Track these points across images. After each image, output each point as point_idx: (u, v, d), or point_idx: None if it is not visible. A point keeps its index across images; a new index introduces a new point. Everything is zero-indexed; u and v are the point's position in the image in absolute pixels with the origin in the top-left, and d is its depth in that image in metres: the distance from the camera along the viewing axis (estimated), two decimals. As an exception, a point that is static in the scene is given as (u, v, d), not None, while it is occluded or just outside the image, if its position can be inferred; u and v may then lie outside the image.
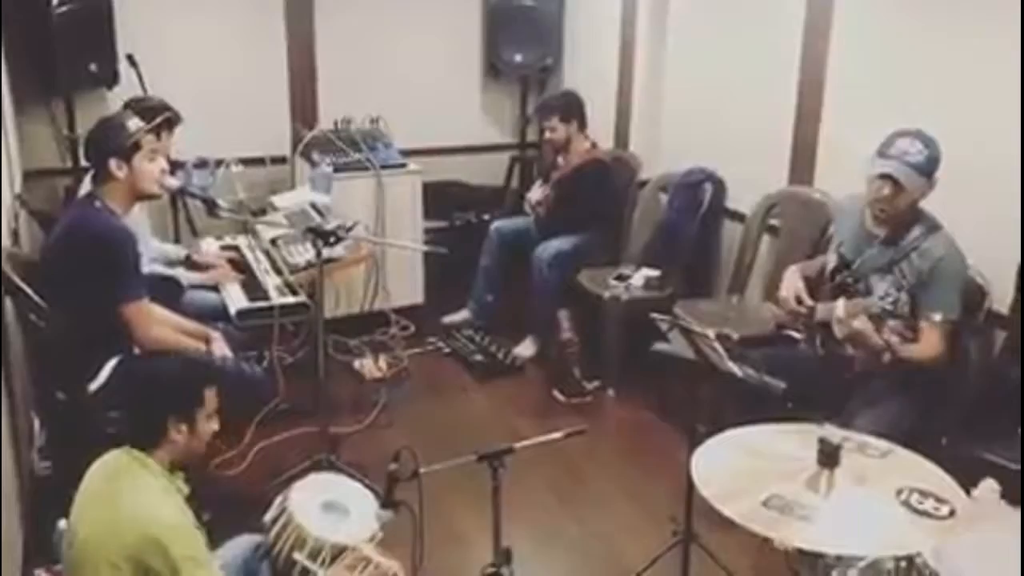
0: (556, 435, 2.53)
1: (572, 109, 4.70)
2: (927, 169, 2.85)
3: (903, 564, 1.93)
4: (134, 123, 2.99)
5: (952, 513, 1.72)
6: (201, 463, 2.47)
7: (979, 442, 2.53)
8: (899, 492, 1.76)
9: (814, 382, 2.94)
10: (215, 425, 2.31)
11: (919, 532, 1.72)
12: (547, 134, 4.75)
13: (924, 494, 1.76)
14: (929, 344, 2.87)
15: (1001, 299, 3.04)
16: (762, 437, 1.95)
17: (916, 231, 2.93)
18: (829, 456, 1.77)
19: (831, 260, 3.17)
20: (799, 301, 3.10)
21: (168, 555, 1.97)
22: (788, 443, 1.88)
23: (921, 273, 2.89)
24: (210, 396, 2.28)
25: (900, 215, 2.92)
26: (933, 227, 2.93)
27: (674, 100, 4.86)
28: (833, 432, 1.82)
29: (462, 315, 4.97)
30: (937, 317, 2.85)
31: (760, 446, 1.91)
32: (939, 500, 1.75)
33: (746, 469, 1.83)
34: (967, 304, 3.03)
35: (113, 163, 2.93)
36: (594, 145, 4.78)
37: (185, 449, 2.23)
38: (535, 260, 4.59)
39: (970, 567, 1.93)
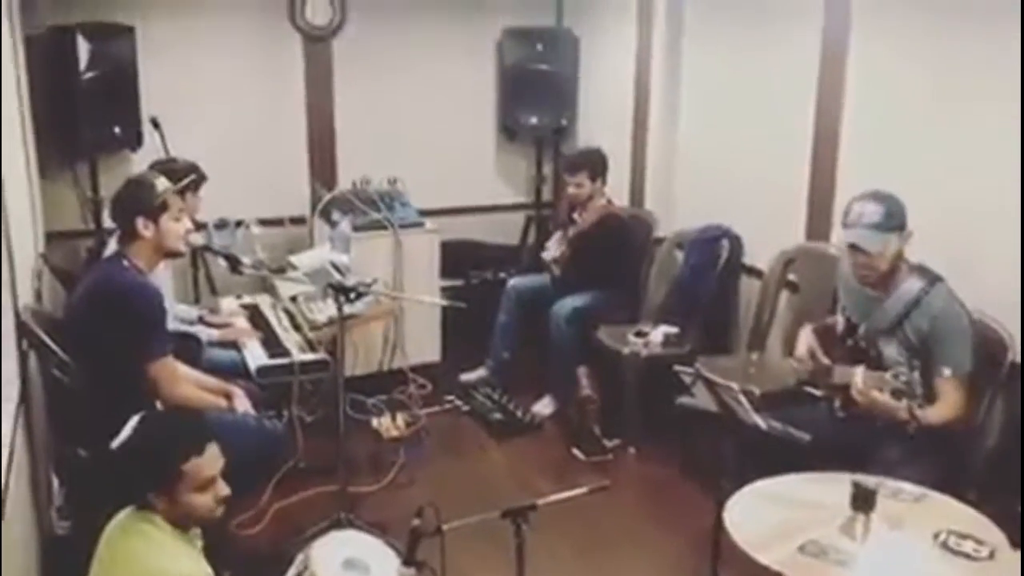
0: (581, 490, 2.51)
1: (599, 168, 4.72)
2: (888, 225, 2.88)
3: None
4: (161, 183, 3.04)
5: (992, 554, 1.69)
6: (217, 524, 2.43)
7: (1011, 496, 2.48)
8: (936, 535, 1.74)
9: (835, 440, 2.91)
10: (212, 495, 2.16)
11: (959, 574, 1.68)
12: (571, 189, 4.74)
13: (962, 536, 1.74)
14: (947, 403, 2.83)
15: (1026, 352, 3.01)
16: (792, 486, 1.94)
17: (916, 286, 2.92)
18: (864, 500, 1.75)
19: (840, 323, 3.19)
20: (814, 358, 3.14)
21: None
22: (819, 491, 1.86)
23: (921, 331, 2.89)
24: (195, 467, 2.12)
25: (885, 275, 2.95)
26: (932, 280, 2.93)
27: (689, 157, 4.91)
28: (865, 479, 1.80)
29: (479, 373, 4.96)
30: (947, 372, 2.83)
31: (791, 495, 1.90)
32: (978, 542, 1.72)
33: (779, 517, 1.81)
34: (989, 357, 3.02)
35: (140, 222, 2.97)
36: (610, 202, 4.81)
37: (180, 515, 2.13)
38: (552, 317, 4.59)
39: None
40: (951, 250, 3.14)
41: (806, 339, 3.22)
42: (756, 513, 1.86)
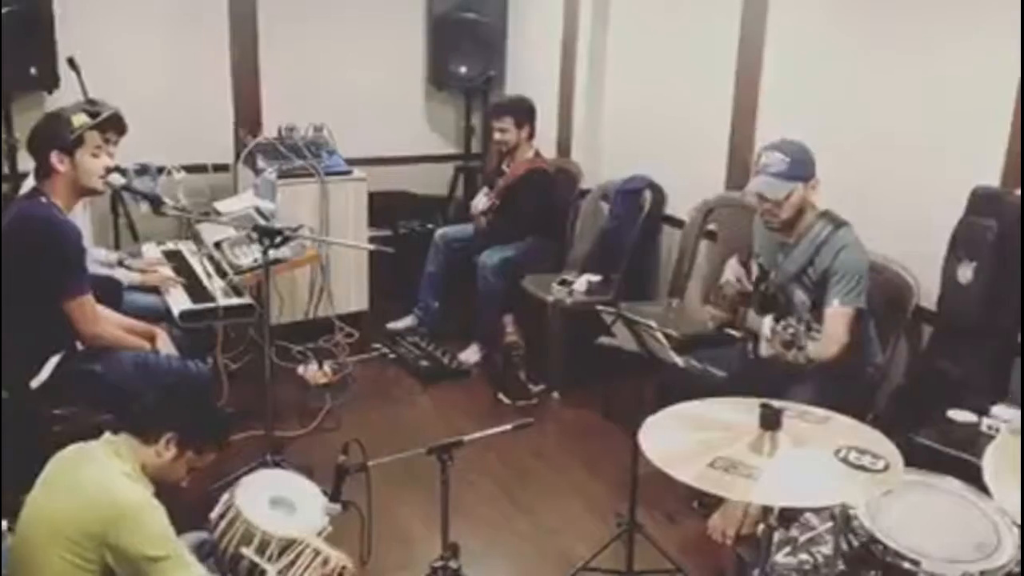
0: (505, 427, 2.57)
1: (525, 114, 4.76)
2: (792, 174, 2.96)
3: (841, 535, 2.02)
4: (79, 118, 2.97)
5: (887, 467, 1.81)
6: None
7: (907, 426, 2.64)
8: (837, 450, 1.85)
9: (749, 380, 3.01)
10: (186, 473, 2.38)
11: (857, 484, 1.80)
12: (497, 135, 4.78)
13: (861, 451, 1.85)
14: (828, 335, 2.82)
15: (927, 296, 3.17)
16: (705, 409, 2.03)
17: (823, 232, 3.02)
18: (771, 419, 1.85)
19: (754, 270, 3.30)
20: (740, 283, 3.25)
21: (133, 533, 1.99)
22: (730, 413, 1.95)
23: (822, 270, 3.00)
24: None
25: (790, 220, 3.04)
26: (839, 225, 3.04)
27: (614, 111, 4.97)
28: (773, 401, 1.90)
29: (407, 322, 4.99)
30: (835, 303, 2.92)
31: (703, 417, 1.98)
32: (875, 456, 1.84)
33: (692, 437, 1.89)
34: (895, 302, 3.18)
35: (55, 156, 2.90)
36: (537, 154, 4.85)
37: (157, 468, 2.27)
38: (480, 267, 4.64)
39: (901, 527, 2.02)
40: (862, 199, 3.28)
41: (733, 269, 3.32)
42: (670, 434, 1.94)
